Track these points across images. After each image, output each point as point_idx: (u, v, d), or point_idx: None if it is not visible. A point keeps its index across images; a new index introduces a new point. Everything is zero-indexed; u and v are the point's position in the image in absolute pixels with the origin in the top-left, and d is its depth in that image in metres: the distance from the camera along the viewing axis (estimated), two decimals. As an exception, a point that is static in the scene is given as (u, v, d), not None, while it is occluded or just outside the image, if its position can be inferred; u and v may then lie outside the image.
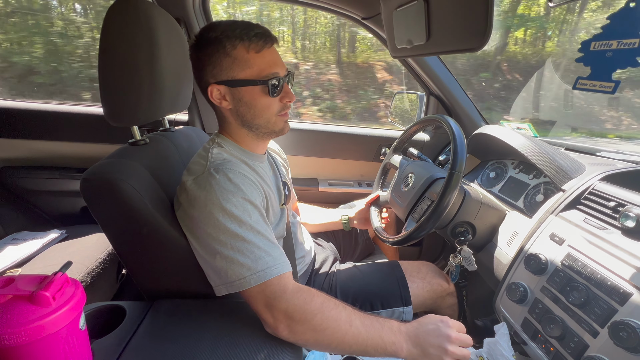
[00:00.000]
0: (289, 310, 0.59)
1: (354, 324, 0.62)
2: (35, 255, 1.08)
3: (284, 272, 0.62)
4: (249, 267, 0.59)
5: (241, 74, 0.66)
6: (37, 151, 1.40)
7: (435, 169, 1.02)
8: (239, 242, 0.59)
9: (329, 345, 0.61)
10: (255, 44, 0.65)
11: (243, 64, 0.65)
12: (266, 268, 0.59)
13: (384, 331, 0.63)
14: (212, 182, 0.61)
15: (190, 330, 0.61)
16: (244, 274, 0.59)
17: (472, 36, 0.65)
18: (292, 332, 0.59)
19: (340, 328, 0.60)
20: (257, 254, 0.60)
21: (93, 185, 0.61)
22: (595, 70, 0.45)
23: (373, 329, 0.62)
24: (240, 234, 0.59)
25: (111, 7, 0.63)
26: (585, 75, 0.47)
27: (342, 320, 0.61)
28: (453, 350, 0.62)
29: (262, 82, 0.66)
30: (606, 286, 0.63)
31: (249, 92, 0.67)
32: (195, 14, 1.24)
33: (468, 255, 0.93)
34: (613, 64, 0.43)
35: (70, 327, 0.47)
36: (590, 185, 0.80)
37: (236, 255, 0.59)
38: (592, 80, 0.45)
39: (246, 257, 0.59)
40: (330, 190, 1.56)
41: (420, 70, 1.36)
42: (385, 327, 0.64)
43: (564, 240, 0.75)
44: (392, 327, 0.64)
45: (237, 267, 0.59)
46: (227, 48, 0.64)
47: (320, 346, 0.62)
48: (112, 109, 0.68)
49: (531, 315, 0.75)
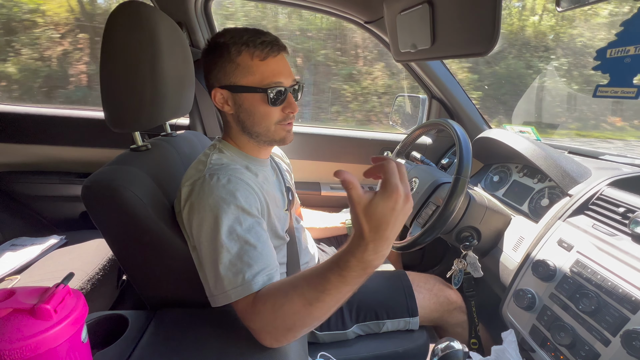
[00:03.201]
0: (257, 329, 0.55)
1: (311, 299, 0.50)
2: (34, 262, 1.06)
3: (262, 288, 0.56)
4: (230, 281, 0.57)
5: (243, 80, 0.66)
6: (37, 156, 1.39)
7: (440, 174, 1.02)
8: (224, 254, 0.57)
9: (309, 328, 0.54)
10: (260, 52, 0.65)
11: (246, 70, 0.65)
12: (245, 283, 0.56)
13: (332, 274, 0.49)
14: (205, 188, 0.60)
15: (195, 340, 0.60)
16: (226, 288, 0.57)
17: (479, 41, 0.65)
18: (276, 340, 0.55)
19: (302, 314, 0.51)
20: (239, 268, 0.57)
21: (95, 193, 0.60)
22: (614, 77, 0.45)
23: (330, 284, 0.49)
24: (226, 244, 0.57)
25: (113, 11, 0.62)
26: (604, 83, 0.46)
27: (299, 305, 0.51)
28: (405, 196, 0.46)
29: (261, 90, 0.65)
30: (617, 294, 0.62)
31: (249, 99, 0.67)
32: (197, 18, 1.23)
33: (474, 260, 0.92)
34: (633, 70, 0.42)
35: (72, 341, 0.45)
36: (598, 191, 0.79)
37: (220, 267, 0.57)
38: (613, 87, 0.44)
39: (228, 271, 0.57)
40: (332, 194, 1.55)
41: (423, 74, 1.36)
42: (328, 267, 0.50)
43: (572, 246, 0.74)
44: (333, 260, 0.50)
45: (220, 279, 0.57)
46: (232, 54, 0.65)
47: (304, 332, 0.56)
48: (114, 114, 0.67)
49: (540, 323, 0.74)
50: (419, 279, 0.99)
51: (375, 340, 0.90)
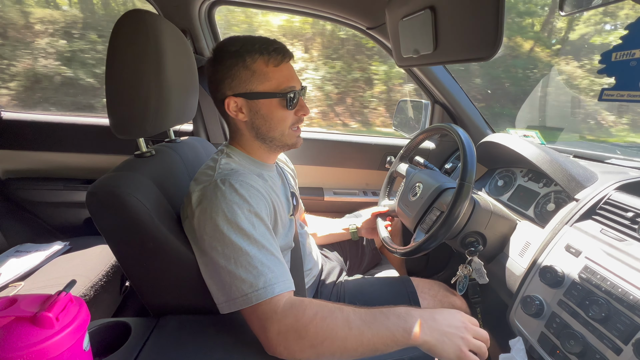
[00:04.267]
0: (281, 330, 0.55)
1: (353, 325, 0.56)
2: (38, 268, 1.06)
3: (284, 292, 0.58)
4: (250, 284, 0.56)
5: (260, 87, 0.67)
6: (40, 162, 1.40)
7: (444, 178, 1.01)
8: (243, 257, 0.57)
9: (332, 356, 0.56)
10: (274, 59, 0.66)
11: (262, 77, 0.67)
12: (268, 285, 0.57)
13: (390, 321, 0.57)
14: (217, 193, 0.60)
15: (198, 348, 0.59)
16: (246, 291, 0.56)
17: (481, 45, 0.64)
18: (290, 352, 0.56)
19: (338, 335, 0.55)
20: (260, 270, 0.57)
21: (99, 199, 0.60)
22: (620, 80, 0.44)
23: (377, 322, 0.57)
24: (244, 248, 0.57)
25: (119, 20, 0.63)
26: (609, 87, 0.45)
27: (339, 325, 0.56)
28: (470, 340, 0.58)
29: (280, 94, 0.67)
30: (628, 301, 0.61)
31: (267, 105, 0.68)
32: (201, 25, 1.25)
33: (479, 266, 0.90)
34: (639, 73, 0.42)
35: (74, 349, 0.45)
36: (605, 195, 0.78)
37: (239, 271, 0.57)
38: (619, 90, 0.44)
39: (248, 273, 0.57)
40: (335, 200, 1.55)
41: (425, 79, 1.36)
42: (391, 316, 0.58)
43: (580, 251, 0.73)
44: (399, 314, 0.58)
45: (239, 283, 0.57)
46: (247, 61, 0.66)
47: (324, 358, 0.57)
48: (119, 121, 0.67)
49: (548, 330, 0.72)
50: (424, 285, 0.98)
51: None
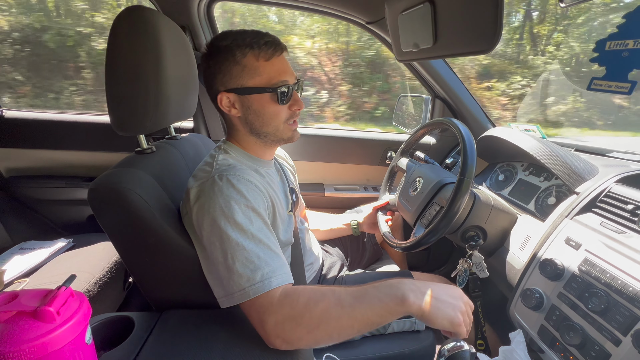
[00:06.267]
0: (278, 321, 0.55)
1: (345, 303, 0.56)
2: (42, 265, 1.07)
3: (282, 285, 0.58)
4: (248, 278, 0.56)
5: (250, 82, 0.66)
6: (44, 160, 1.41)
7: (444, 173, 1.01)
8: (240, 251, 0.57)
9: (330, 337, 0.56)
10: (265, 52, 0.65)
11: (252, 71, 0.66)
12: (265, 279, 0.57)
13: (381, 293, 0.56)
14: (215, 189, 0.60)
15: (200, 341, 0.60)
16: (244, 285, 0.56)
17: (481, 38, 0.64)
18: (288, 342, 0.56)
19: (332, 315, 0.55)
20: (257, 264, 0.57)
21: (101, 195, 0.61)
22: (610, 70, 0.44)
23: (368, 296, 0.56)
24: (241, 242, 0.58)
25: (118, 16, 0.63)
26: (600, 76, 0.45)
27: (332, 306, 0.55)
28: (463, 308, 0.58)
29: (271, 89, 0.66)
30: (627, 292, 0.61)
31: (258, 100, 0.67)
32: (200, 21, 1.24)
33: (479, 260, 0.90)
34: (629, 64, 0.41)
35: (76, 342, 0.45)
36: (605, 188, 0.78)
37: (236, 265, 0.57)
38: (608, 80, 0.43)
39: (246, 268, 0.57)
40: (336, 195, 1.55)
41: (425, 73, 1.35)
42: (383, 287, 0.57)
43: (580, 244, 0.73)
44: (391, 284, 0.58)
45: (237, 277, 0.57)
46: (237, 56, 0.65)
47: (322, 342, 0.57)
48: (120, 118, 0.67)
49: (548, 323, 0.72)
50: (424, 279, 0.98)
51: (381, 341, 0.89)
